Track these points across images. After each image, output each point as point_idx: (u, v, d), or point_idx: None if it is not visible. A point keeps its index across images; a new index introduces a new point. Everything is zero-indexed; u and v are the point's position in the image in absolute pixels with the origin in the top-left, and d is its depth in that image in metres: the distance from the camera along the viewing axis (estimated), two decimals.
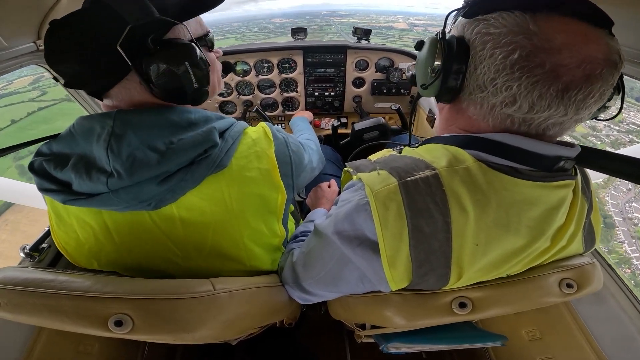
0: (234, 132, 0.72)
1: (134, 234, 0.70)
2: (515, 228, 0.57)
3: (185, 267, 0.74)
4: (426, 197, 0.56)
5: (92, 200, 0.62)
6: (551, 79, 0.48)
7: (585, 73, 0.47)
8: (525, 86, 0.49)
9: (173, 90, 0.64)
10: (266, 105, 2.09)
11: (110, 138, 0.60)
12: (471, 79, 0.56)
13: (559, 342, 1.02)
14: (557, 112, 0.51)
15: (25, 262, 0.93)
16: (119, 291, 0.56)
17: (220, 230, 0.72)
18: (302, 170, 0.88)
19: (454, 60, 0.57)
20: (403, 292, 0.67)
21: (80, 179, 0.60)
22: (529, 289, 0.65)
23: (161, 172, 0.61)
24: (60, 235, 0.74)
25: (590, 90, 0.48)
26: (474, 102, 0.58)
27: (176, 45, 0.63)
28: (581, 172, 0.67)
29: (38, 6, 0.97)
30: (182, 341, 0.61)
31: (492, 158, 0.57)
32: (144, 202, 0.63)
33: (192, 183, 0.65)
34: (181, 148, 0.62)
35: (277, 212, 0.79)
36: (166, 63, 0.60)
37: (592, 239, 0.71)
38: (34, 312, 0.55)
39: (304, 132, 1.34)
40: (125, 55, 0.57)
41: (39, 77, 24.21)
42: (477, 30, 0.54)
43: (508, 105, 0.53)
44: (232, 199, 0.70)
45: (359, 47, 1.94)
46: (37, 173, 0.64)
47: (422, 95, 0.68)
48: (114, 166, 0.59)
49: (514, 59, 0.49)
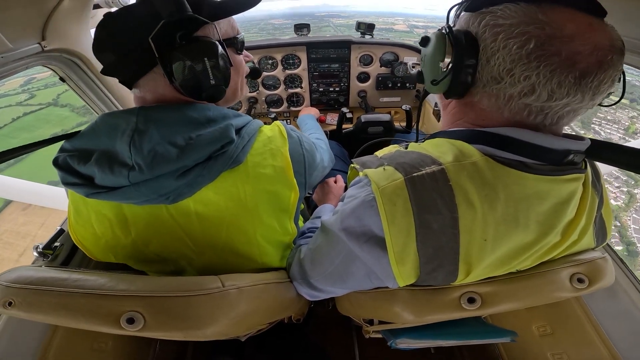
0: (250, 130, 0.74)
1: (152, 227, 0.72)
2: (525, 223, 0.56)
3: (199, 261, 0.76)
4: (433, 192, 0.55)
5: (113, 193, 0.64)
6: (568, 66, 0.48)
7: (598, 59, 0.48)
8: (544, 74, 0.49)
9: (190, 85, 0.66)
10: (271, 101, 2.09)
11: (134, 134, 0.63)
12: (484, 72, 0.56)
13: (570, 338, 1.01)
14: (575, 99, 0.51)
15: (39, 261, 0.95)
16: (131, 289, 0.57)
17: (234, 225, 0.74)
18: (315, 169, 0.89)
19: (464, 53, 0.56)
20: (411, 288, 0.67)
21: (103, 172, 0.62)
22: (539, 284, 0.64)
23: (180, 166, 0.63)
24: (77, 229, 0.77)
25: (604, 77, 0.49)
26: (488, 94, 0.57)
27: (198, 41, 0.65)
28: (591, 165, 0.66)
29: (41, 8, 0.98)
30: (193, 338, 0.62)
31: (499, 152, 0.56)
32: (162, 195, 0.65)
33: (208, 178, 0.67)
34: (199, 144, 0.64)
35: (290, 209, 0.80)
36: (186, 57, 0.63)
37: (603, 234, 0.70)
38: (49, 311, 0.56)
39: (314, 131, 1.34)
40: (155, 49, 0.62)
41: (30, 79, 24.41)
42: (484, 23, 0.54)
43: (527, 94, 0.52)
44: (246, 195, 0.72)
45: (363, 42, 1.93)
46: (62, 168, 0.67)
47: (431, 92, 0.68)
48: (135, 160, 0.61)
49: (529, 48, 0.49)
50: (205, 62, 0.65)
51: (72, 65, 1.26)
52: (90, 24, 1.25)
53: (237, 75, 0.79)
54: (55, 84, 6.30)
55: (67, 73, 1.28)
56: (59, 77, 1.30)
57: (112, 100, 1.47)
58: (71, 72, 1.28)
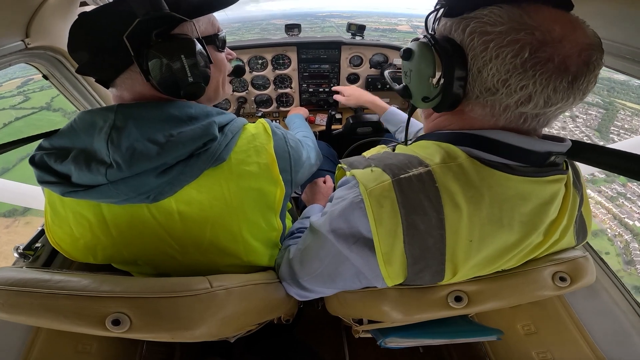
0: (234, 127, 0.73)
1: (132, 227, 0.70)
2: (509, 223, 0.58)
3: (183, 261, 0.75)
4: (420, 194, 0.56)
5: (90, 192, 0.62)
6: (562, 71, 0.48)
7: (584, 60, 0.48)
8: (540, 82, 0.49)
9: (167, 83, 0.65)
10: (260, 101, 2.08)
11: (111, 131, 0.62)
12: (476, 83, 0.54)
13: (554, 337, 1.03)
14: (567, 102, 0.51)
15: (20, 262, 0.93)
16: (116, 290, 0.56)
17: (218, 223, 0.73)
18: (301, 167, 0.89)
19: (455, 66, 0.54)
20: (399, 287, 0.67)
21: (80, 170, 0.60)
22: (523, 282, 0.66)
23: (160, 163, 0.62)
24: (54, 230, 0.74)
25: (592, 77, 0.50)
26: (482, 105, 0.56)
27: (175, 39, 0.65)
28: (571, 165, 0.68)
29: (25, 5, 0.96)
30: (181, 339, 0.61)
31: (484, 155, 0.57)
32: (142, 194, 0.64)
33: (190, 176, 0.66)
34: (180, 141, 0.63)
35: (275, 206, 0.79)
36: (163, 55, 0.63)
37: (584, 231, 0.72)
38: (31, 312, 0.55)
39: (301, 130, 1.34)
40: (131, 48, 0.61)
41: (27, 80, 23.73)
42: (470, 30, 0.52)
43: (524, 103, 0.52)
44: (230, 193, 0.71)
45: (353, 43, 1.93)
46: (38, 166, 0.65)
47: (420, 108, 0.67)
48: (113, 157, 0.60)
49: (524, 57, 0.48)
50: (183, 59, 0.64)
51: (55, 63, 1.24)
52: None
53: (218, 73, 0.79)
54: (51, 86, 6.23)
55: (51, 70, 1.25)
56: (42, 74, 1.27)
57: (95, 97, 1.45)
58: (54, 70, 1.25)
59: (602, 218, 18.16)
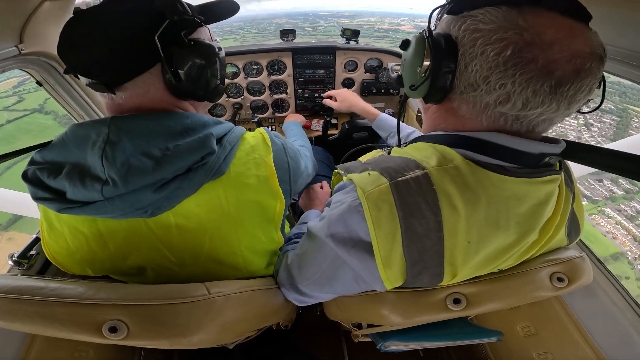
0: (232, 138, 0.71)
1: (129, 241, 0.69)
2: (505, 224, 0.58)
3: (181, 274, 0.74)
4: (417, 197, 0.56)
5: (86, 208, 0.61)
6: (544, 75, 0.48)
7: (575, 68, 0.47)
8: (519, 83, 0.49)
9: (193, 86, 0.67)
10: (256, 107, 2.08)
11: (105, 145, 0.59)
12: (462, 78, 0.55)
13: (553, 337, 1.03)
14: (549, 108, 0.51)
15: (14, 269, 0.92)
16: (112, 297, 0.56)
17: (217, 237, 0.72)
18: (299, 176, 0.88)
19: (443, 58, 0.55)
20: (398, 290, 0.67)
21: (74, 187, 0.59)
22: (521, 283, 0.66)
23: (157, 179, 0.60)
24: (50, 244, 0.73)
25: (581, 85, 0.49)
26: (466, 101, 0.57)
27: (207, 44, 0.67)
28: (563, 164, 0.68)
29: (19, 11, 0.95)
30: (179, 346, 0.60)
31: (479, 157, 0.58)
32: (140, 209, 0.62)
33: (189, 190, 0.65)
34: (177, 154, 0.61)
35: (276, 219, 0.78)
36: (198, 58, 0.65)
37: (576, 229, 0.72)
38: (26, 320, 0.54)
39: (298, 138, 1.34)
40: (161, 48, 0.60)
41: (24, 80, 23.34)
42: (464, 27, 0.54)
43: (502, 103, 0.52)
44: (229, 206, 0.70)
45: (348, 48, 1.94)
46: (31, 182, 0.63)
47: (410, 97, 0.68)
48: (108, 174, 0.58)
49: (506, 55, 0.48)
50: (217, 63, 0.68)
51: (49, 69, 1.23)
52: None
53: None
54: None
55: (44, 77, 1.24)
56: (36, 81, 1.26)
57: (89, 104, 1.44)
58: (48, 76, 1.25)
59: (622, 240, 16.93)
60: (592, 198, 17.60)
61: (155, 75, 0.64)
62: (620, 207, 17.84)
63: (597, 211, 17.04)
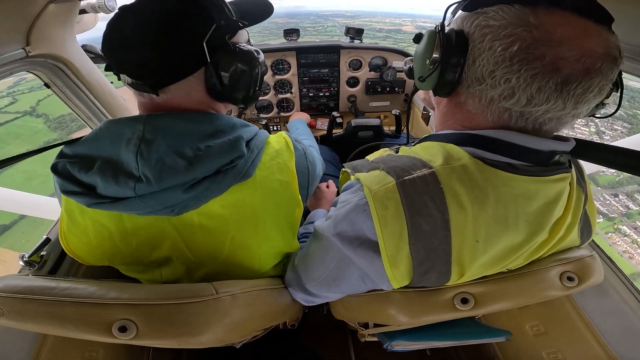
0: (259, 142, 0.72)
1: (152, 238, 0.70)
2: (514, 223, 0.57)
3: (197, 272, 0.74)
4: (424, 195, 0.56)
5: (116, 204, 0.62)
6: (550, 71, 0.47)
7: (584, 67, 0.47)
8: (525, 79, 0.49)
9: (240, 90, 0.68)
10: (261, 107, 2.09)
11: (141, 143, 0.60)
12: (469, 72, 0.56)
13: (563, 337, 1.02)
14: (555, 105, 0.50)
15: (25, 270, 0.93)
16: (122, 297, 0.56)
17: (237, 239, 0.72)
18: (315, 180, 0.89)
19: (452, 52, 0.56)
20: (405, 290, 0.67)
21: (107, 182, 0.60)
22: (530, 283, 0.65)
23: (188, 179, 0.61)
24: (70, 238, 0.74)
25: (590, 85, 0.48)
26: (472, 95, 0.57)
27: (250, 50, 0.67)
28: (575, 163, 0.67)
29: (25, 13, 0.96)
30: (187, 345, 0.61)
31: (488, 155, 0.57)
32: (168, 207, 0.63)
33: (217, 192, 0.65)
34: (208, 155, 0.62)
35: (294, 224, 0.78)
36: (244, 64, 0.66)
37: (588, 229, 0.71)
38: (38, 320, 0.55)
39: (305, 138, 1.34)
40: (208, 52, 0.60)
41: (19, 80, 23.10)
42: (476, 23, 0.54)
43: (507, 98, 0.52)
44: (253, 209, 0.70)
45: (352, 47, 1.94)
46: (61, 175, 0.64)
47: (420, 89, 0.68)
48: (142, 171, 0.59)
49: (513, 51, 0.49)
50: (259, 69, 0.68)
51: (57, 71, 1.24)
52: (75, 29, 1.24)
53: None
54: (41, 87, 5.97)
55: (52, 79, 1.25)
56: (44, 82, 1.27)
57: (98, 106, 1.45)
58: (56, 78, 1.26)
59: (639, 259, 15.81)
60: (609, 215, 16.56)
61: (199, 78, 0.65)
62: (636, 225, 16.85)
63: (613, 229, 15.98)
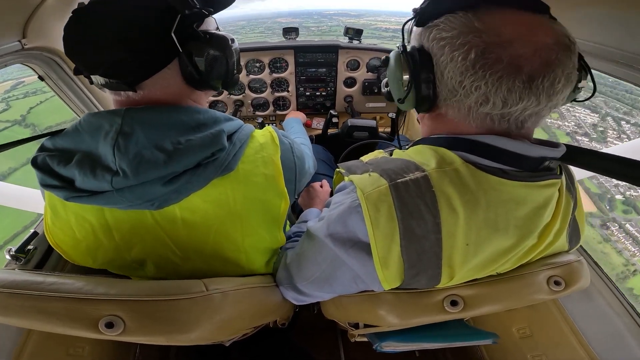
0: (242, 136, 0.72)
1: (135, 232, 0.70)
2: (504, 227, 0.58)
3: (184, 267, 0.74)
4: (416, 198, 0.56)
5: (95, 198, 0.61)
6: (514, 72, 0.49)
7: (542, 60, 0.48)
8: (492, 83, 0.50)
9: (218, 76, 0.68)
10: (257, 105, 2.08)
11: (118, 136, 0.60)
12: (442, 85, 0.57)
13: (549, 340, 1.04)
14: (530, 102, 0.51)
15: (12, 264, 0.92)
16: (110, 292, 0.56)
17: (222, 233, 0.72)
18: (304, 176, 0.88)
19: (420, 70, 0.58)
20: (396, 291, 0.67)
21: (85, 176, 0.59)
22: (518, 286, 0.66)
23: (167, 173, 0.61)
24: (55, 232, 0.73)
25: (554, 76, 0.49)
26: (451, 106, 0.59)
27: (221, 35, 0.68)
28: (565, 169, 0.68)
29: (23, 5, 0.96)
30: (176, 342, 0.60)
31: (479, 160, 0.58)
32: (147, 201, 0.63)
33: (197, 185, 0.65)
34: (188, 149, 0.61)
35: (280, 219, 0.78)
36: (218, 50, 0.66)
37: (577, 236, 0.72)
38: (23, 315, 0.54)
39: (299, 136, 1.33)
40: (178, 43, 0.60)
41: (17, 84, 22.47)
42: (431, 37, 0.56)
43: (483, 104, 0.53)
44: (236, 203, 0.70)
45: (351, 47, 1.94)
46: (40, 168, 0.63)
47: (402, 109, 0.69)
48: (119, 165, 0.58)
49: (472, 58, 0.50)
50: (234, 53, 0.69)
51: (52, 64, 1.23)
52: None
53: None
54: (36, 92, 5.69)
55: (47, 72, 1.24)
56: (38, 75, 1.27)
57: (91, 100, 1.44)
58: (50, 71, 1.25)
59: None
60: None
61: (174, 70, 0.65)
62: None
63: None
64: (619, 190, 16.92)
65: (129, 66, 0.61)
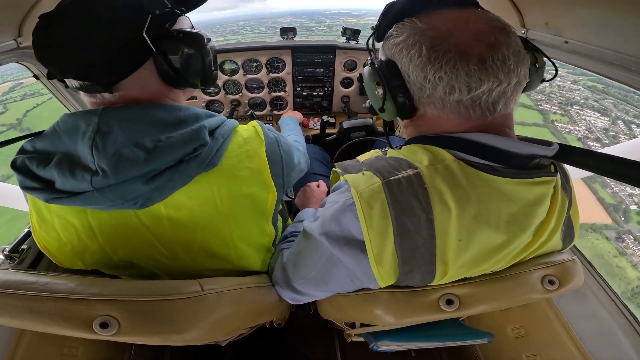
0: (225, 131, 0.71)
1: (119, 233, 0.69)
2: (496, 224, 0.59)
3: (172, 266, 0.74)
4: (409, 195, 0.57)
5: (75, 198, 0.60)
6: (465, 57, 0.53)
7: (485, 43, 0.53)
8: (450, 70, 0.54)
9: (195, 73, 0.69)
10: (254, 104, 2.08)
11: (95, 135, 0.59)
12: (412, 86, 0.61)
13: (543, 339, 1.04)
14: (491, 83, 0.54)
15: (5, 264, 0.91)
16: (104, 292, 0.55)
17: (209, 229, 0.71)
18: (292, 170, 0.88)
19: (390, 78, 0.62)
20: (391, 290, 0.68)
21: (64, 177, 0.58)
22: (512, 285, 0.67)
23: (148, 170, 0.60)
24: (41, 235, 0.72)
25: (502, 54, 0.54)
26: (427, 104, 0.62)
27: (194, 33, 0.68)
28: (560, 168, 0.69)
29: (19, 4, 0.95)
30: (171, 342, 0.60)
31: (469, 157, 0.59)
32: (130, 200, 0.62)
33: (180, 182, 0.64)
34: (169, 146, 0.61)
35: (267, 211, 0.78)
36: (192, 48, 0.66)
37: (571, 234, 0.73)
38: (16, 315, 0.53)
39: (293, 133, 1.33)
40: (151, 43, 0.61)
41: (15, 85, 22.20)
42: (390, 46, 0.63)
43: (451, 92, 0.56)
44: (222, 198, 0.70)
45: (348, 47, 1.94)
46: (20, 171, 0.62)
47: (387, 119, 0.72)
48: (98, 164, 0.58)
49: (425, 53, 0.56)
50: (209, 50, 0.70)
51: None
52: None
53: None
54: (34, 94, 5.59)
55: (42, 70, 1.24)
56: (34, 74, 1.26)
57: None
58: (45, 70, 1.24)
59: None
60: None
61: (149, 70, 0.65)
62: None
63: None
64: (634, 200, 16.96)
65: (102, 67, 0.61)
